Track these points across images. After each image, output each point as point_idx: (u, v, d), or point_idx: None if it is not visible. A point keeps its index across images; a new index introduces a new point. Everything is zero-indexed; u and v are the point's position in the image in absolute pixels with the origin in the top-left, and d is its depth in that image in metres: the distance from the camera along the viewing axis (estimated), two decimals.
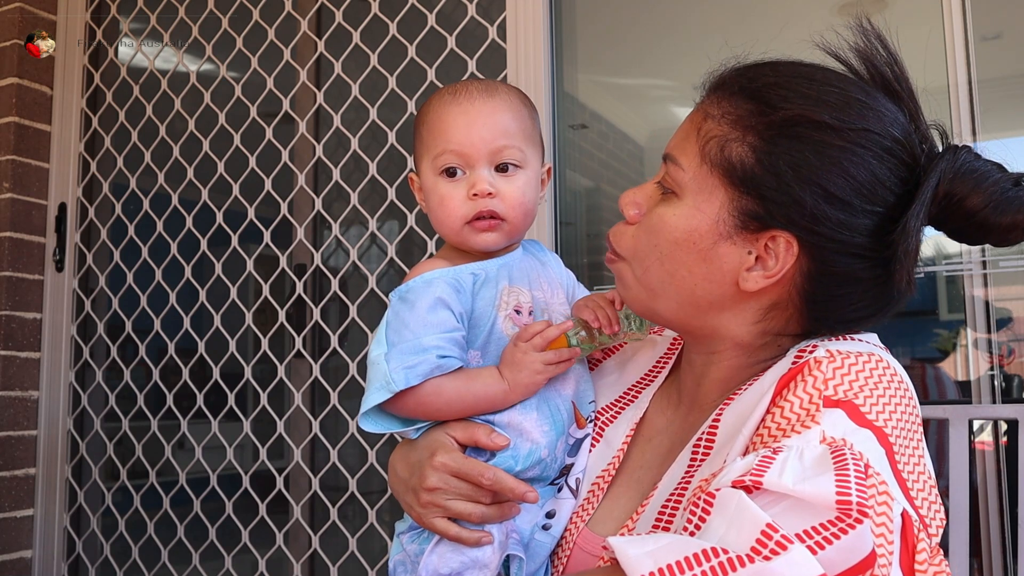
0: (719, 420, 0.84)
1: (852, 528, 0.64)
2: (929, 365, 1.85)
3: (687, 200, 0.85)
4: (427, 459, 0.92)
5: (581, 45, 2.19)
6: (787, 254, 0.81)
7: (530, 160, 1.00)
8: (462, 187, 0.98)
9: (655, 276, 0.87)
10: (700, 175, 0.84)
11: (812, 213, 0.79)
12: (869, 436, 0.72)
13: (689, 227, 0.84)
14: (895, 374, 0.79)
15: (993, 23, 1.78)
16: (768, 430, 0.76)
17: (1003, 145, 0.85)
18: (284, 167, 2.34)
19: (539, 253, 1.08)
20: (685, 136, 0.87)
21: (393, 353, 0.92)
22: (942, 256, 1.80)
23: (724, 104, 0.84)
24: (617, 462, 0.96)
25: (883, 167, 0.80)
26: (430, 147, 1.00)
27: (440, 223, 1.01)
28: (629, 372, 1.06)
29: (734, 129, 0.82)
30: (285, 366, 2.30)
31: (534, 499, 0.92)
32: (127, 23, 2.65)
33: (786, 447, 0.71)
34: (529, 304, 0.99)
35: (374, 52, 2.24)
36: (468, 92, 0.99)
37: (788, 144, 0.80)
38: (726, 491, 0.68)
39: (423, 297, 0.94)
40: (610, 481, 0.95)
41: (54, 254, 2.59)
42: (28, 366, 2.55)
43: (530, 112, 1.03)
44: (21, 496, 2.51)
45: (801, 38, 0.88)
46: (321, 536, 2.20)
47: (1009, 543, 1.65)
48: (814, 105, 0.80)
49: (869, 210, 0.79)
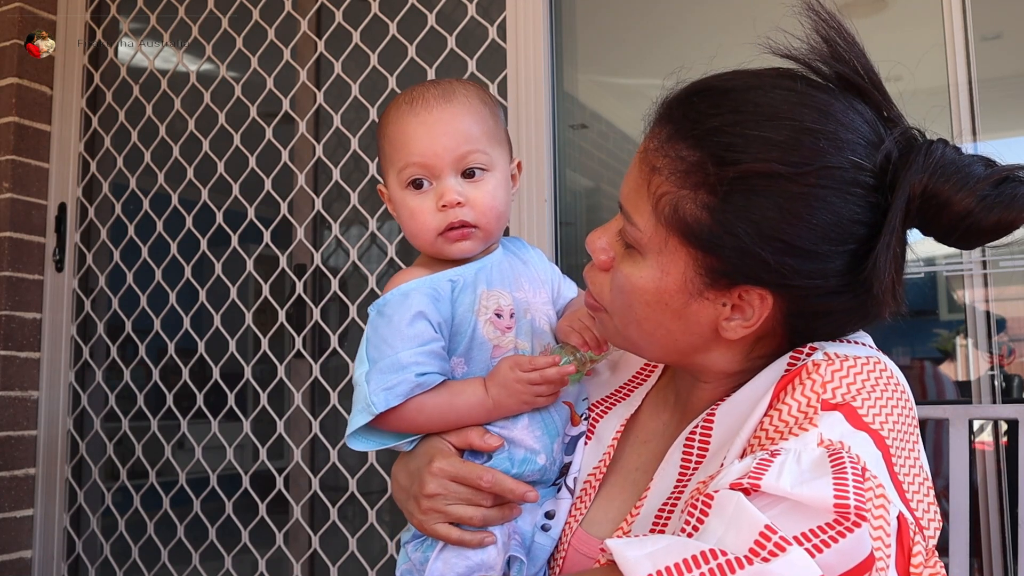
0: (712, 420, 0.84)
1: (850, 531, 0.64)
2: (929, 364, 1.85)
3: (650, 260, 0.82)
4: (425, 466, 0.92)
5: (581, 45, 2.19)
6: (762, 305, 0.79)
7: (496, 161, 0.99)
8: (430, 198, 0.96)
9: (635, 332, 0.87)
10: (658, 236, 0.80)
11: (778, 270, 0.75)
12: (866, 439, 0.72)
13: (658, 289, 0.82)
14: (892, 377, 0.79)
15: (993, 23, 1.78)
16: (766, 432, 0.76)
17: (1003, 145, 0.85)
18: (284, 167, 2.34)
19: (520, 251, 1.07)
20: (636, 189, 0.83)
21: (373, 373, 0.92)
22: (942, 256, 1.80)
23: (669, 151, 0.79)
24: (608, 459, 0.96)
25: (848, 203, 0.74)
26: (394, 160, 0.98)
27: (413, 236, 1.00)
28: (620, 371, 1.06)
29: (683, 186, 0.77)
30: (285, 366, 2.30)
31: (534, 498, 0.92)
32: (127, 23, 2.65)
33: (784, 450, 0.71)
34: (510, 306, 0.98)
35: (374, 52, 2.24)
36: (425, 100, 0.97)
37: (742, 201, 0.75)
38: (725, 493, 0.68)
39: (399, 310, 0.93)
40: (601, 479, 0.95)
41: (54, 254, 2.59)
42: (28, 366, 2.55)
43: (492, 111, 1.00)
44: (21, 496, 2.51)
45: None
46: (321, 536, 2.20)
47: (1009, 543, 1.65)
48: (765, 152, 0.74)
49: (840, 251, 0.75)
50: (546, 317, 1.01)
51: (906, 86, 1.53)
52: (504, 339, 0.97)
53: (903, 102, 0.82)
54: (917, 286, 1.85)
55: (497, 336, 0.96)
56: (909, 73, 0.89)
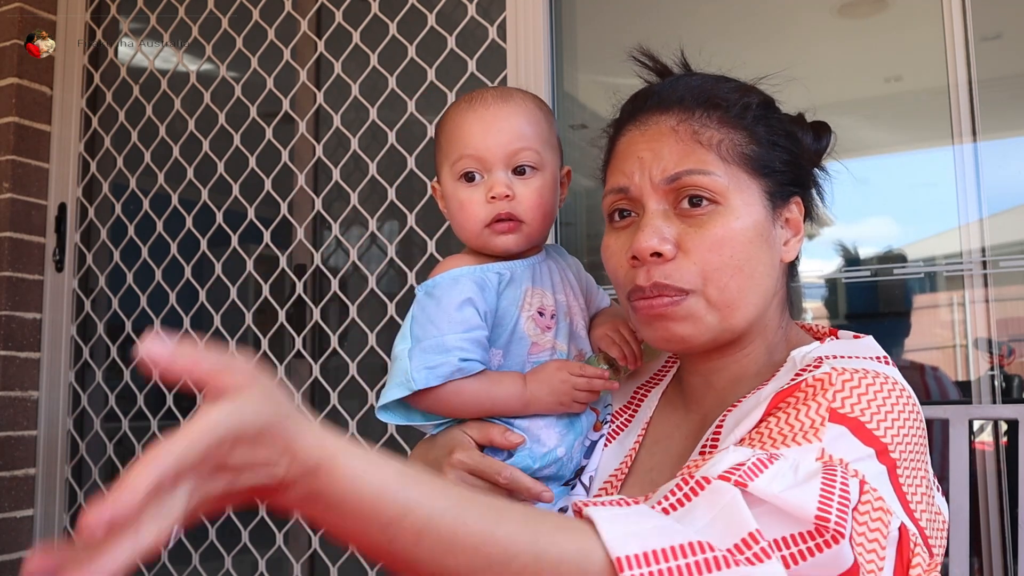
0: (723, 425, 0.85)
1: (828, 547, 0.65)
2: (929, 366, 1.85)
3: (733, 202, 0.87)
4: (445, 457, 0.94)
5: (581, 45, 2.19)
6: (800, 212, 0.93)
7: (547, 163, 1.02)
8: (480, 191, 0.99)
9: (735, 287, 0.86)
10: (732, 176, 0.88)
11: (798, 162, 0.93)
12: (871, 455, 0.73)
13: (755, 223, 0.88)
14: (904, 391, 0.80)
15: (993, 23, 1.78)
16: (770, 430, 0.76)
17: (1003, 145, 0.87)
18: (284, 167, 2.34)
19: (560, 258, 1.09)
20: (686, 152, 0.88)
21: (416, 351, 0.93)
22: (942, 256, 1.80)
23: (698, 115, 0.90)
24: (629, 460, 0.97)
25: None
26: (448, 154, 1.02)
27: (460, 227, 1.02)
28: (639, 374, 1.07)
29: (728, 132, 0.90)
30: (285, 366, 2.30)
31: (549, 499, 0.94)
32: (127, 23, 2.65)
33: (783, 456, 0.71)
34: (552, 307, 1.00)
35: (374, 52, 2.24)
36: (483, 99, 1.02)
37: (766, 124, 0.92)
38: (722, 484, 0.68)
39: (449, 293, 0.95)
40: (623, 479, 0.96)
41: (54, 254, 2.59)
42: (28, 366, 2.55)
43: (546, 116, 1.04)
44: (21, 496, 2.51)
45: (802, 38, 0.89)
46: (321, 536, 2.20)
47: (1009, 543, 1.65)
48: (756, 95, 0.94)
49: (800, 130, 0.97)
50: (583, 323, 1.04)
51: (906, 86, 1.55)
52: (543, 337, 0.99)
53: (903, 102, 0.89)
54: (917, 285, 1.85)
55: (537, 334, 0.98)
56: (909, 73, 0.90)
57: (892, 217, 1.88)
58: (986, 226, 1.72)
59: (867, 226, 1.90)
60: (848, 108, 1.91)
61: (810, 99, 1.08)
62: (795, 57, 1.91)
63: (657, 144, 0.89)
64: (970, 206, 1.73)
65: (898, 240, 1.86)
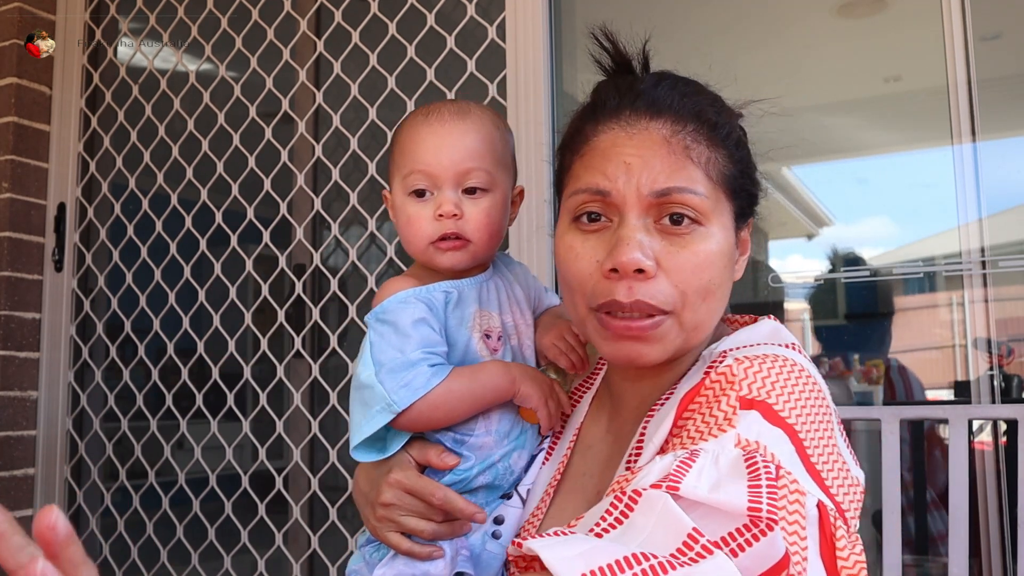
0: (644, 435, 0.86)
1: (763, 535, 0.66)
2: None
3: (713, 224, 0.85)
4: (384, 475, 0.96)
5: (581, 45, 2.19)
6: (747, 231, 0.93)
7: (499, 183, 1.01)
8: (429, 207, 0.99)
9: (705, 310, 0.86)
10: (715, 197, 0.86)
11: (756, 181, 0.93)
12: (781, 435, 0.75)
13: (729, 247, 0.87)
14: (803, 371, 0.82)
15: (993, 23, 1.78)
16: (687, 432, 0.78)
17: (1002, 145, 0.87)
18: (283, 167, 2.34)
19: (507, 270, 1.09)
20: (676, 167, 0.84)
21: (384, 374, 0.93)
22: (942, 256, 1.80)
23: (690, 128, 0.87)
24: (562, 467, 0.98)
25: None
26: (400, 166, 1.01)
27: (407, 242, 1.03)
28: (569, 380, 1.09)
29: (712, 148, 0.88)
30: (284, 366, 2.30)
31: (482, 520, 0.96)
32: (126, 23, 2.65)
33: (703, 451, 0.73)
34: (498, 329, 1.01)
35: (373, 52, 2.24)
36: (440, 114, 1.00)
37: (738, 145, 0.90)
38: (653, 492, 0.69)
39: (401, 316, 0.95)
40: (556, 486, 0.97)
41: (53, 254, 2.59)
42: (27, 366, 2.55)
43: (502, 135, 1.03)
44: (20, 496, 2.51)
45: (801, 38, 0.88)
46: (320, 536, 2.20)
47: (1009, 543, 1.65)
48: (729, 115, 0.92)
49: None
50: (529, 341, 1.05)
51: (905, 86, 1.55)
52: (492, 359, 1.00)
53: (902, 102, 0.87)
54: (916, 285, 1.85)
55: (487, 354, 0.99)
56: (908, 73, 0.90)
57: (891, 217, 1.88)
58: (985, 226, 1.73)
59: (867, 226, 1.90)
60: (848, 108, 1.91)
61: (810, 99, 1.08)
62: (795, 57, 1.91)
63: (648, 152, 0.85)
64: (969, 206, 1.73)
65: (897, 240, 1.86)
